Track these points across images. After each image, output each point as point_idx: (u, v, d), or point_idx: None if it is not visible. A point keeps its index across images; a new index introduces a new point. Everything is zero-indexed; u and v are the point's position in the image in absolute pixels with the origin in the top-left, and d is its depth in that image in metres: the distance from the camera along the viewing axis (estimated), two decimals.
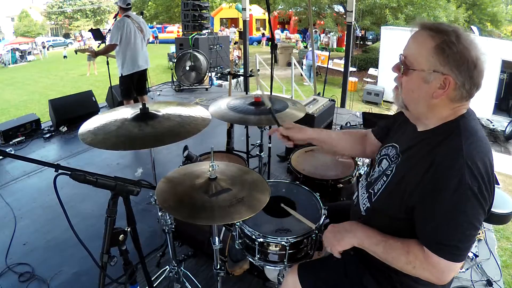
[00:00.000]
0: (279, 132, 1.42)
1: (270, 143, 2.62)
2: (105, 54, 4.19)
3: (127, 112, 1.59)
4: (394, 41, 9.86)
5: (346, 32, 6.13)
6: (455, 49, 0.91)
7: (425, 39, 0.96)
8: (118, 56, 4.03)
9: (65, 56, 19.85)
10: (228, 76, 3.31)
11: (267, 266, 1.40)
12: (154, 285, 1.93)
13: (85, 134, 1.39)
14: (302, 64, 12.89)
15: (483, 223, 2.36)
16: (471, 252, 2.27)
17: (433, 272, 0.96)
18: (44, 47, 23.61)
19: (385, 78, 10.60)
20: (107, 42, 4.00)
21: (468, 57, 0.91)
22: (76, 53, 4.57)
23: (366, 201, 1.18)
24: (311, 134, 1.42)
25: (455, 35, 0.93)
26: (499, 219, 1.98)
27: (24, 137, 4.31)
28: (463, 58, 0.91)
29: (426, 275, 0.98)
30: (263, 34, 23.29)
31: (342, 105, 6.09)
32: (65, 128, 4.61)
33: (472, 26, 13.11)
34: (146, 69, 4.33)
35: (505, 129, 7.74)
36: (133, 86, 4.20)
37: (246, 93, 6.72)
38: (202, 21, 8.50)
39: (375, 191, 1.13)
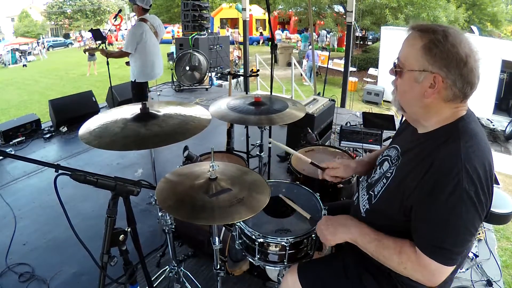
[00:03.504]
0: (327, 176, 1.44)
1: (270, 143, 2.62)
2: (117, 58, 3.96)
3: (123, 112, 1.59)
4: (394, 41, 9.85)
5: (346, 32, 6.13)
6: (442, 47, 0.92)
7: (414, 39, 0.97)
8: (134, 63, 3.79)
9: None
10: (228, 76, 3.31)
11: (267, 266, 1.40)
12: (154, 285, 1.92)
13: (89, 138, 1.38)
14: (302, 64, 12.89)
15: (483, 223, 2.36)
16: (471, 252, 2.27)
17: (424, 274, 0.96)
18: (44, 48, 23.60)
19: (385, 78, 10.60)
20: (123, 47, 3.76)
21: (456, 55, 0.91)
22: (85, 53, 4.43)
23: (366, 202, 1.18)
24: (357, 169, 1.43)
25: (443, 33, 0.93)
26: (499, 219, 1.98)
27: (24, 137, 4.31)
28: (450, 56, 0.91)
29: (417, 276, 0.98)
30: (261, 33, 23.30)
31: (342, 105, 6.10)
32: (65, 128, 4.61)
33: (472, 26, 13.09)
34: None
35: (505, 129, 7.72)
36: (147, 89, 4.11)
37: (246, 93, 6.72)
38: (202, 21, 8.50)
39: (375, 193, 1.14)
